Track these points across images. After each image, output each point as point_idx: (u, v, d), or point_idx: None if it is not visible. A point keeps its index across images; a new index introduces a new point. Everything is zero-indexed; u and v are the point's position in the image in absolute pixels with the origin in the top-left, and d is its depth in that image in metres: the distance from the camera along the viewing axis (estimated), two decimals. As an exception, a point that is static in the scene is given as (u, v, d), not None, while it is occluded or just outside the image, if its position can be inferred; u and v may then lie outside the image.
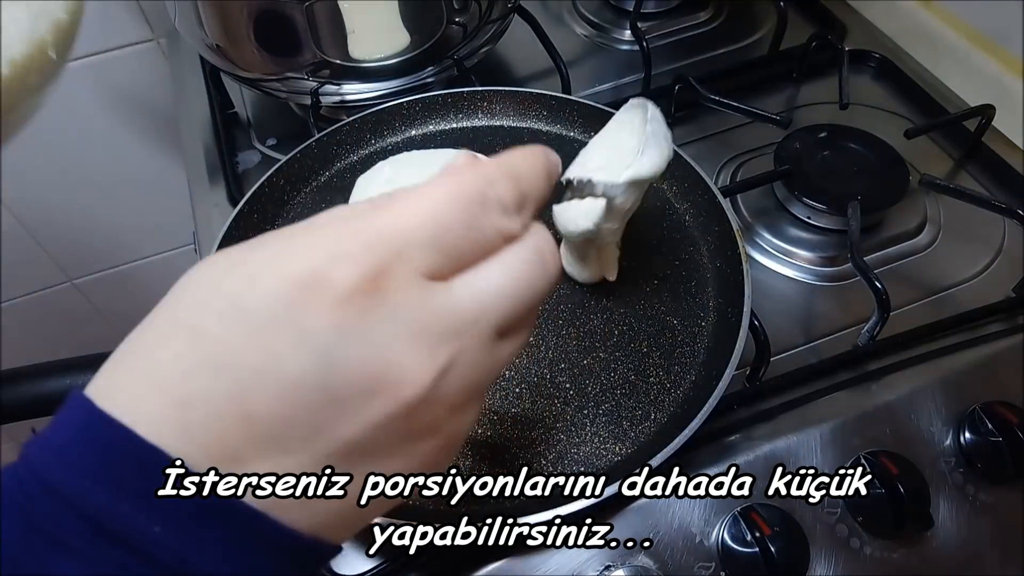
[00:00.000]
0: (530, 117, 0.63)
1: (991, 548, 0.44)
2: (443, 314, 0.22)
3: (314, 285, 0.21)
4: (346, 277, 0.21)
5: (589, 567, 0.41)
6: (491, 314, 0.23)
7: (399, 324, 0.22)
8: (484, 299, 0.23)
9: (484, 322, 0.23)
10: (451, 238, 0.23)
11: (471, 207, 0.24)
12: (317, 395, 0.21)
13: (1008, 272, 0.55)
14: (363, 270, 0.22)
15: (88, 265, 1.04)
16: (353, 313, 0.21)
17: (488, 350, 0.24)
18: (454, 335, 0.22)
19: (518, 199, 0.25)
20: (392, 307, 0.22)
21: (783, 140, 0.61)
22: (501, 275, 0.24)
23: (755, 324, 0.48)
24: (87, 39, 0.81)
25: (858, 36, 0.75)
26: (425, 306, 0.22)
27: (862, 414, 0.46)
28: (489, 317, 0.23)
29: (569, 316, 0.50)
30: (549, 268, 0.25)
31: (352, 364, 0.21)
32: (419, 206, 0.24)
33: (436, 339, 0.22)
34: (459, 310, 0.23)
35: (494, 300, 0.23)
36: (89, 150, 0.91)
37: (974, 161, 0.63)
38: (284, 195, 0.57)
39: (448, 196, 0.24)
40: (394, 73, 0.63)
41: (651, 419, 0.45)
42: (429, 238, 0.23)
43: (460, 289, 0.23)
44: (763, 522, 0.41)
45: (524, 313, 0.25)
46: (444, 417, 0.23)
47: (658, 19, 0.79)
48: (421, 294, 0.22)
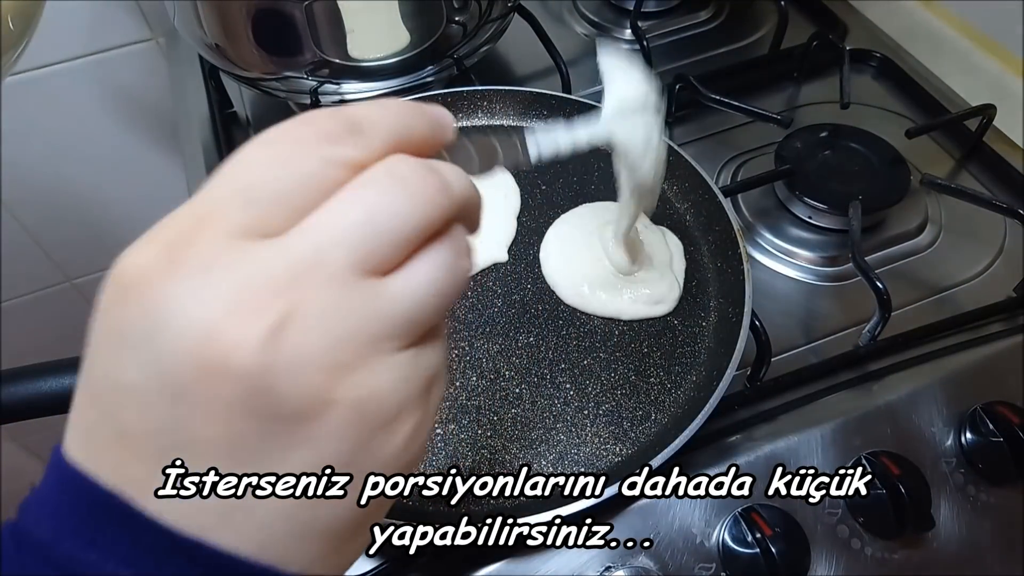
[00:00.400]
0: (530, 116, 0.62)
1: (992, 548, 0.44)
2: (270, 265, 0.19)
3: (120, 275, 0.20)
4: (145, 253, 0.20)
5: (589, 567, 0.41)
6: (335, 250, 0.19)
7: (216, 288, 0.19)
8: (320, 237, 0.20)
9: (329, 262, 0.19)
10: (266, 185, 0.20)
11: (280, 146, 0.21)
12: (158, 393, 0.19)
13: (1009, 272, 0.55)
14: (158, 245, 0.20)
15: (88, 265, 1.04)
16: (161, 288, 0.19)
17: (351, 290, 0.19)
18: (288, 284, 0.19)
19: (344, 124, 0.21)
20: (204, 271, 0.19)
21: (784, 140, 0.60)
22: (341, 207, 0.20)
23: (756, 324, 0.48)
24: (86, 39, 0.81)
25: (859, 35, 0.74)
26: (246, 261, 0.19)
27: (863, 414, 0.46)
28: (334, 254, 0.19)
29: (569, 316, 0.50)
30: (413, 185, 0.21)
31: (173, 346, 0.18)
32: (226, 169, 0.21)
33: (263, 293, 0.19)
34: (289, 256, 0.19)
35: (335, 234, 0.20)
36: (88, 150, 0.91)
37: (975, 161, 0.63)
38: (284, 195, 0.57)
39: (253, 148, 0.21)
40: (394, 72, 0.63)
41: (651, 419, 0.45)
42: (241, 190, 0.20)
43: (294, 235, 0.20)
44: (764, 523, 0.41)
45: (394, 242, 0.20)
46: (330, 380, 0.19)
47: (658, 18, 0.79)
48: (239, 251, 0.19)
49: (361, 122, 0.22)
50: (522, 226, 0.56)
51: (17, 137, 0.84)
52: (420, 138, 0.23)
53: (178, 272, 0.19)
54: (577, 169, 0.59)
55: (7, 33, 0.39)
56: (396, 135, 0.22)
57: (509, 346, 0.49)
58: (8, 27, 0.39)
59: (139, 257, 0.20)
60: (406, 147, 0.22)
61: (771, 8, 0.78)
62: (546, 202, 0.57)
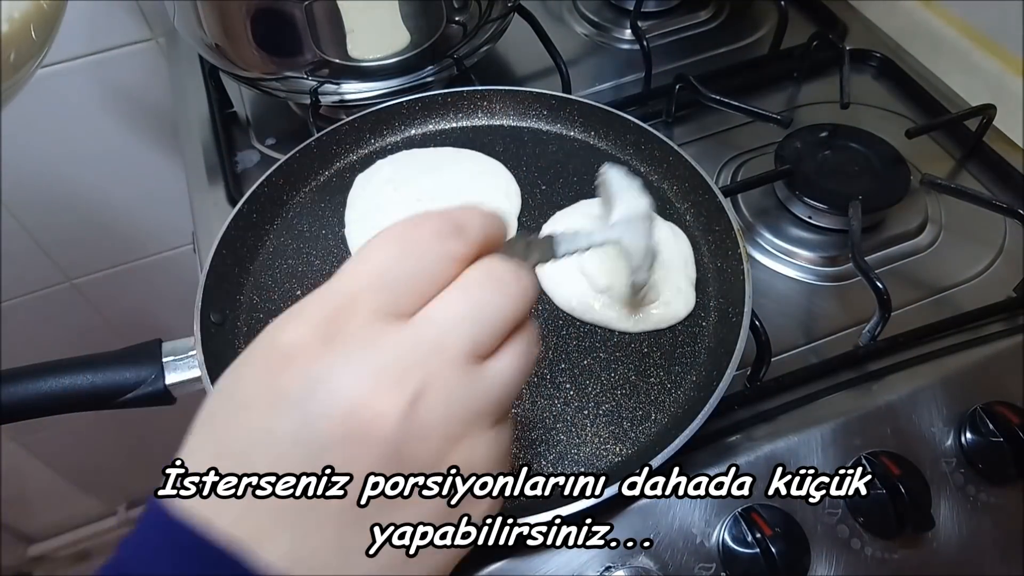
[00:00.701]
0: (530, 116, 0.62)
1: (992, 549, 0.44)
2: (404, 346, 0.23)
3: (269, 351, 0.23)
4: (294, 333, 0.23)
5: (589, 567, 0.41)
6: (453, 337, 0.24)
7: (360, 365, 0.22)
8: (442, 324, 0.24)
9: (449, 346, 0.24)
10: (396, 273, 0.24)
11: (405, 241, 0.25)
12: (306, 454, 0.22)
13: (1009, 272, 0.55)
14: (312, 323, 0.23)
15: (88, 265, 1.04)
16: (312, 365, 0.22)
17: (464, 373, 0.24)
18: (418, 364, 0.23)
19: (452, 226, 0.26)
20: (349, 350, 0.23)
21: (784, 140, 0.60)
22: (456, 299, 0.24)
23: (756, 324, 0.48)
24: (86, 39, 0.81)
25: (859, 35, 0.74)
26: (385, 342, 0.23)
27: (863, 414, 0.46)
28: (452, 340, 0.24)
29: (569, 316, 0.50)
30: (508, 287, 0.25)
31: (324, 414, 0.22)
32: (359, 259, 0.25)
33: (400, 371, 0.23)
34: (419, 339, 0.23)
35: (453, 323, 0.24)
36: (88, 150, 0.91)
37: (975, 161, 0.63)
38: (283, 195, 0.57)
39: (382, 240, 0.26)
40: (394, 72, 0.63)
41: (651, 419, 0.45)
42: (375, 279, 0.24)
43: (420, 320, 0.24)
44: (764, 523, 0.41)
45: (494, 332, 0.25)
46: (444, 448, 0.24)
47: (658, 18, 0.79)
48: (378, 332, 0.23)
49: (463, 224, 0.26)
50: (522, 226, 0.56)
51: (17, 137, 0.84)
52: (497, 238, 0.28)
53: (334, 349, 0.23)
54: (577, 168, 0.59)
55: (29, 43, 0.39)
56: (485, 235, 0.27)
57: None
58: (31, 36, 0.39)
59: (295, 333, 0.23)
60: (489, 244, 0.27)
61: (771, 8, 0.78)
62: (546, 202, 0.57)
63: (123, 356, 0.45)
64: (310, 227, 0.56)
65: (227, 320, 0.50)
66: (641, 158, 0.59)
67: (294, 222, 0.57)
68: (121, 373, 0.44)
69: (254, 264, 0.54)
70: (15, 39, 0.38)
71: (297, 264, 0.54)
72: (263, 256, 0.55)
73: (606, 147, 0.60)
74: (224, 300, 0.50)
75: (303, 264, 0.54)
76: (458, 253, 0.25)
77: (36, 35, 0.39)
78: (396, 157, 0.60)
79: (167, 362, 0.45)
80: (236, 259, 0.53)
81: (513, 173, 0.59)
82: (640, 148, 0.59)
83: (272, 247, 0.55)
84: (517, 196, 0.57)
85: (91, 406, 0.45)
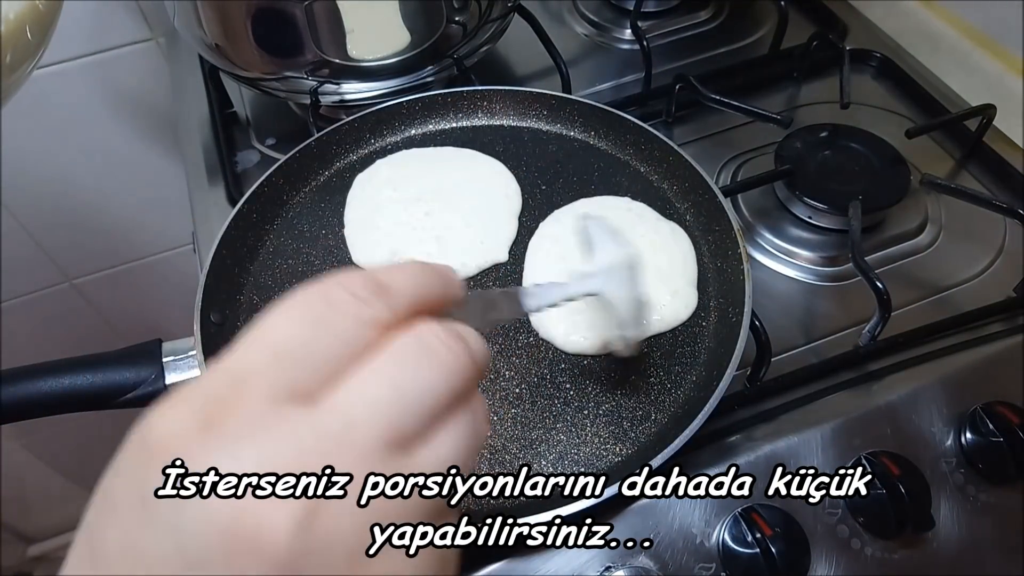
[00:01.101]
0: (530, 116, 0.62)
1: (992, 548, 0.44)
2: (304, 436, 0.19)
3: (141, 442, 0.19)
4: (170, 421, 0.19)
5: (589, 567, 0.41)
6: (366, 422, 0.19)
7: (245, 461, 0.18)
8: (354, 407, 0.19)
9: (361, 435, 0.19)
10: (299, 347, 0.20)
11: (311, 308, 0.21)
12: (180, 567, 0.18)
13: (1009, 272, 0.55)
14: (193, 408, 0.19)
15: (87, 265, 1.04)
16: (189, 461, 0.18)
17: (384, 466, 0.19)
18: (320, 458, 0.18)
19: (372, 286, 0.22)
20: (237, 441, 0.18)
21: (784, 140, 0.60)
22: (373, 375, 0.20)
23: (756, 324, 0.48)
24: (86, 39, 0.81)
25: (859, 35, 0.74)
26: (279, 431, 0.19)
27: (863, 414, 0.46)
28: (365, 426, 0.19)
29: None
30: (440, 356, 0.21)
31: (198, 529, 0.18)
32: (258, 329, 0.21)
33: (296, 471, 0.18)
34: (323, 427, 0.19)
35: (367, 406, 0.19)
36: (88, 150, 0.91)
37: (975, 161, 0.63)
38: (283, 195, 0.57)
39: (285, 308, 0.21)
40: (393, 72, 0.63)
41: (651, 419, 0.45)
42: (273, 354, 0.20)
43: (327, 403, 0.19)
44: (764, 523, 0.41)
45: (421, 413, 0.20)
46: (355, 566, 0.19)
47: (658, 18, 0.79)
48: (273, 419, 0.19)
49: (387, 284, 0.22)
50: (523, 226, 0.56)
51: (17, 137, 0.84)
52: (437, 297, 0.24)
53: (211, 441, 0.18)
54: (577, 168, 0.59)
55: (24, 43, 0.39)
56: (417, 295, 0.23)
57: (509, 346, 0.49)
58: (26, 37, 0.39)
59: (171, 420, 0.19)
60: (425, 306, 0.23)
61: (771, 8, 0.78)
62: (546, 202, 0.57)
63: (123, 356, 0.45)
64: (310, 227, 0.56)
65: (227, 320, 0.50)
66: (641, 158, 0.59)
67: (294, 222, 0.57)
68: (121, 373, 0.44)
69: (254, 264, 0.54)
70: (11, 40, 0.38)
71: (297, 264, 0.54)
72: (263, 256, 0.55)
73: (606, 147, 0.60)
74: (224, 300, 0.50)
75: (303, 264, 0.54)
76: (379, 319, 0.21)
77: (32, 36, 0.39)
78: (396, 157, 0.60)
79: (167, 362, 0.45)
80: (236, 259, 0.53)
81: (513, 173, 0.59)
82: (640, 148, 0.59)
83: (272, 247, 0.55)
84: (517, 196, 0.57)
85: (91, 406, 0.45)
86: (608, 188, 0.57)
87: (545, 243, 0.54)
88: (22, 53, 0.39)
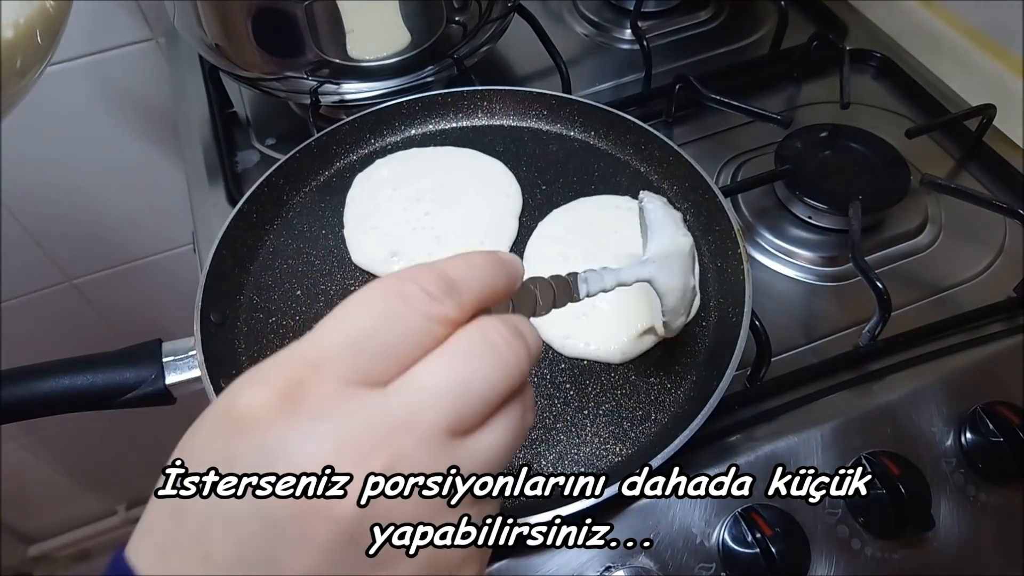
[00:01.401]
0: (530, 116, 0.62)
1: (992, 549, 0.44)
2: (373, 418, 0.21)
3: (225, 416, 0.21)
4: (253, 397, 0.21)
5: (589, 567, 0.41)
6: (431, 410, 0.21)
7: (321, 437, 0.20)
8: (420, 396, 0.22)
9: (425, 421, 0.21)
10: (373, 337, 0.22)
11: (387, 301, 0.23)
12: (258, 529, 0.20)
13: (1009, 272, 0.55)
14: (274, 386, 0.21)
15: (88, 265, 1.04)
16: (268, 434, 0.20)
17: (440, 452, 0.21)
18: (386, 439, 0.21)
19: (443, 284, 0.24)
20: (311, 419, 0.21)
21: (784, 140, 0.60)
22: (440, 368, 0.22)
23: (756, 324, 0.48)
24: (86, 39, 0.81)
25: (859, 35, 0.74)
26: (352, 412, 0.21)
27: (863, 414, 0.46)
28: (428, 415, 0.21)
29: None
30: (502, 354, 0.23)
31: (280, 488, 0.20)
32: (335, 317, 0.23)
33: (365, 448, 0.20)
34: (391, 411, 0.21)
35: (432, 395, 0.22)
36: (88, 150, 0.91)
37: (975, 161, 0.63)
38: (283, 195, 0.57)
39: (362, 299, 0.23)
40: (393, 72, 0.63)
41: (651, 419, 0.45)
42: (349, 344, 0.22)
43: (395, 390, 0.22)
44: (764, 523, 0.41)
45: (480, 406, 0.22)
46: (408, 541, 0.22)
47: (658, 18, 0.79)
48: (346, 401, 0.21)
49: (458, 282, 0.24)
50: (523, 226, 0.56)
51: (17, 137, 0.84)
52: (501, 292, 0.26)
53: (295, 417, 0.21)
54: (577, 168, 0.59)
55: (35, 47, 0.39)
56: (484, 294, 0.25)
57: (509, 346, 0.49)
58: (37, 42, 0.38)
59: (254, 397, 0.21)
60: (491, 301, 0.25)
61: (771, 8, 0.78)
62: (546, 202, 0.57)
63: (123, 356, 0.45)
64: (310, 227, 0.56)
65: (227, 320, 0.50)
66: (641, 158, 0.59)
67: (294, 222, 0.57)
68: (121, 373, 0.44)
69: (254, 264, 0.54)
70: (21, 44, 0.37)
71: (297, 264, 0.54)
72: (263, 256, 0.55)
73: (606, 147, 0.60)
74: (224, 300, 0.50)
75: (303, 264, 0.54)
76: (448, 316, 0.23)
77: (42, 40, 0.39)
78: (396, 157, 0.60)
79: (167, 362, 0.45)
80: (236, 259, 0.53)
81: (513, 173, 0.59)
82: (640, 148, 0.59)
83: (272, 247, 0.55)
84: (517, 196, 0.57)
85: (91, 406, 0.45)
86: (608, 188, 0.57)
87: (545, 243, 0.54)
88: (32, 57, 0.39)
